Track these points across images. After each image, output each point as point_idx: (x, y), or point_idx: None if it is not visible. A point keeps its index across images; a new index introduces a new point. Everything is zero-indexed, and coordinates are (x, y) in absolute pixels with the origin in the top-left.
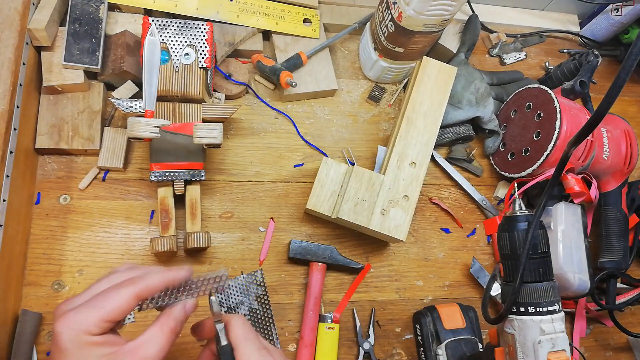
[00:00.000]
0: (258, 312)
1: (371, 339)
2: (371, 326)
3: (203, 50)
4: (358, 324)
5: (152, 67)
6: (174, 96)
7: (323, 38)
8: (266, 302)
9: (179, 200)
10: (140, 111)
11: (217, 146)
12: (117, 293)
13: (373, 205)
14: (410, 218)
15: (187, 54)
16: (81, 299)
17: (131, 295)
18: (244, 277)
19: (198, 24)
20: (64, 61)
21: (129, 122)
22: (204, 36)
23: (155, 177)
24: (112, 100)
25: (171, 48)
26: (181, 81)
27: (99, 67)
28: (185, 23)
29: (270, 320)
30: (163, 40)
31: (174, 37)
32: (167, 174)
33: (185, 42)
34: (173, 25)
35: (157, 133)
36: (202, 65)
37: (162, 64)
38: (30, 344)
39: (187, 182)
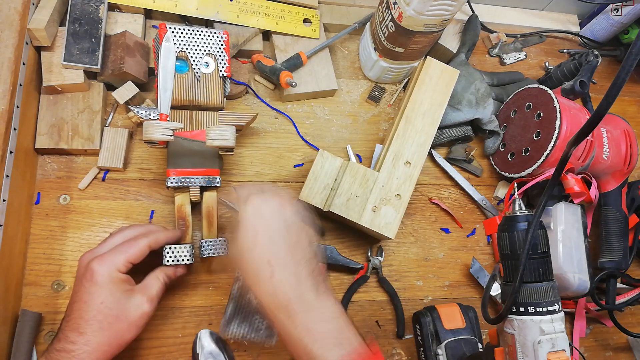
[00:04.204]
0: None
1: None
2: None
3: (222, 59)
4: None
5: (167, 72)
6: (197, 105)
7: (323, 38)
8: None
9: (195, 206)
10: (157, 119)
11: (231, 149)
12: (137, 243)
13: (365, 202)
14: (401, 217)
15: (206, 63)
16: (104, 248)
17: (146, 245)
18: None
19: (215, 32)
20: (64, 61)
21: (144, 125)
22: (222, 45)
23: (171, 183)
24: (131, 107)
25: (190, 57)
26: (203, 90)
27: (98, 67)
28: (201, 31)
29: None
30: (182, 49)
31: (193, 45)
32: (183, 180)
33: (204, 50)
34: (190, 34)
35: (171, 136)
36: (223, 74)
37: (182, 73)
38: (30, 344)
39: (204, 189)
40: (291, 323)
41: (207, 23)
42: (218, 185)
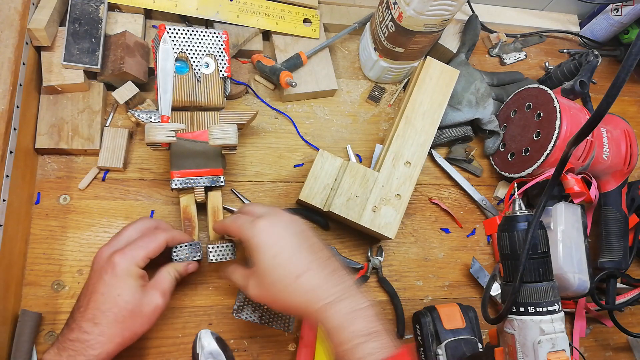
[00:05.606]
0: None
1: None
2: None
3: (222, 60)
4: None
5: (166, 74)
6: (198, 106)
7: (323, 38)
8: None
9: (201, 207)
10: (158, 121)
11: (233, 148)
12: (156, 238)
13: (365, 202)
14: (400, 217)
15: (206, 64)
16: (120, 242)
17: (164, 241)
18: None
19: (214, 32)
20: (64, 61)
21: (146, 128)
22: (222, 45)
23: (176, 184)
24: (132, 112)
25: (190, 57)
26: (204, 91)
27: (98, 67)
28: (201, 31)
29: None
30: (182, 49)
31: (192, 46)
32: (187, 181)
33: (204, 51)
34: (190, 34)
35: (173, 137)
36: (224, 74)
37: (182, 74)
38: (30, 344)
39: (208, 189)
40: (326, 317)
41: (207, 23)
42: (222, 184)
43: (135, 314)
